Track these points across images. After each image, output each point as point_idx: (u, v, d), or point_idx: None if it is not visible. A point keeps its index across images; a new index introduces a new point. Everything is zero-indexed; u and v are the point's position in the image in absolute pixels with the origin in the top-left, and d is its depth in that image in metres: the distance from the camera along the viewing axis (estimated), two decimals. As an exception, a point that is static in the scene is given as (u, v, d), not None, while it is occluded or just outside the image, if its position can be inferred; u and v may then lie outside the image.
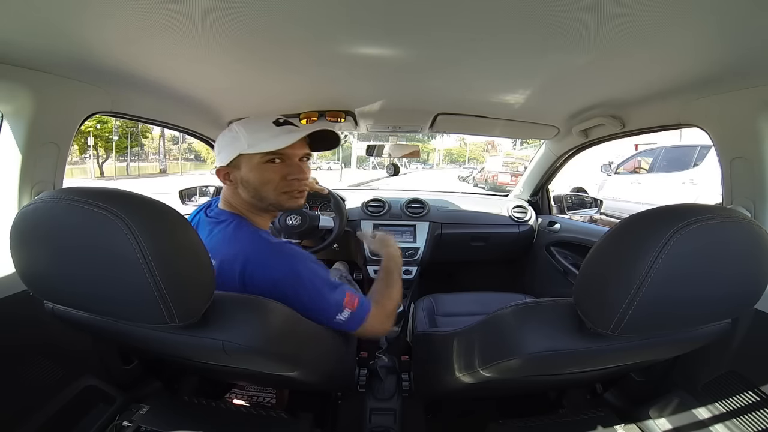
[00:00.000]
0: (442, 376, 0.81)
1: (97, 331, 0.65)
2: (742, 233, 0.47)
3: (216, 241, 0.74)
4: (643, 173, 5.45)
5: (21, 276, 0.51)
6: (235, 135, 0.76)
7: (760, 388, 0.73)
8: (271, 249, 0.73)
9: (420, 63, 0.83)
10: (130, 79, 0.89)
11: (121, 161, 19.94)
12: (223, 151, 0.78)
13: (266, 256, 0.71)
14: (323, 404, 1.17)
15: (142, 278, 0.43)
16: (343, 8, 0.58)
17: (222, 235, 0.75)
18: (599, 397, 0.99)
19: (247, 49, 0.75)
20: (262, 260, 0.70)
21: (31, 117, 0.78)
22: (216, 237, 0.75)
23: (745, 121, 0.80)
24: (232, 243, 0.73)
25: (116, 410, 0.82)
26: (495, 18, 0.59)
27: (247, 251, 0.71)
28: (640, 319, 0.47)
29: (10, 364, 0.74)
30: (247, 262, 0.69)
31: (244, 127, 0.77)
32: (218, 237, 0.75)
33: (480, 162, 29.79)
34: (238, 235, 0.74)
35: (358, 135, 12.18)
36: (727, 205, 0.88)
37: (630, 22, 0.58)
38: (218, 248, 0.71)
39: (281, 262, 0.71)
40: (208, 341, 0.54)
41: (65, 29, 0.63)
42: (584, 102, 1.15)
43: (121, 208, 0.43)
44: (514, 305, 0.61)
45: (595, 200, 1.99)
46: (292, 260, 0.72)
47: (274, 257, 0.71)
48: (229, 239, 0.74)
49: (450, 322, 1.32)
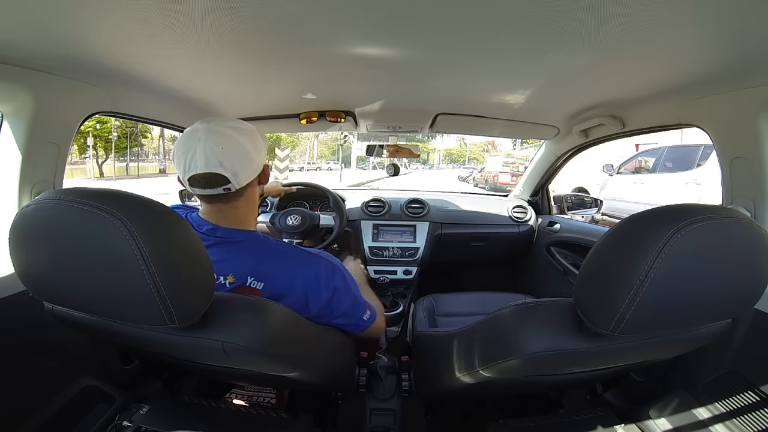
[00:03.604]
0: (442, 376, 0.81)
1: (97, 332, 0.65)
2: (742, 233, 0.47)
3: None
4: (645, 173, 5.41)
5: (20, 277, 0.51)
6: (253, 128, 0.74)
7: (760, 388, 0.73)
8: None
9: (420, 63, 0.83)
10: (130, 79, 0.89)
11: (121, 161, 19.93)
12: (262, 144, 0.75)
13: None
14: (323, 404, 1.17)
15: (142, 279, 0.43)
16: (343, 9, 0.58)
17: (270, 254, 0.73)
18: (599, 397, 0.99)
19: (247, 49, 0.75)
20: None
21: (31, 117, 0.78)
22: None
23: (745, 121, 0.80)
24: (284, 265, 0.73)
25: (116, 410, 0.82)
26: (495, 18, 0.59)
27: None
28: (640, 319, 0.47)
29: (10, 364, 0.74)
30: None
31: (243, 122, 0.75)
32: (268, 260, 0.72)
33: (480, 162, 29.80)
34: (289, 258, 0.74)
35: (358, 135, 12.17)
36: (727, 205, 0.88)
37: (630, 22, 0.58)
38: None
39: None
40: (208, 342, 0.54)
41: (65, 29, 0.63)
42: (584, 102, 1.15)
43: (120, 209, 0.43)
44: (514, 305, 0.61)
45: (595, 200, 1.99)
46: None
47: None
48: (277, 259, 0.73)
49: (450, 322, 1.32)
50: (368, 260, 1.75)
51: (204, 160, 0.65)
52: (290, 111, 1.34)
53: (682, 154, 4.88)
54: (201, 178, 0.66)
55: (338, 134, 17.03)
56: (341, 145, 22.00)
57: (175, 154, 0.68)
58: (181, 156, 0.67)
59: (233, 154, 0.67)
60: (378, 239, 1.79)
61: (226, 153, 0.66)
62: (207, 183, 0.67)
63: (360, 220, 1.80)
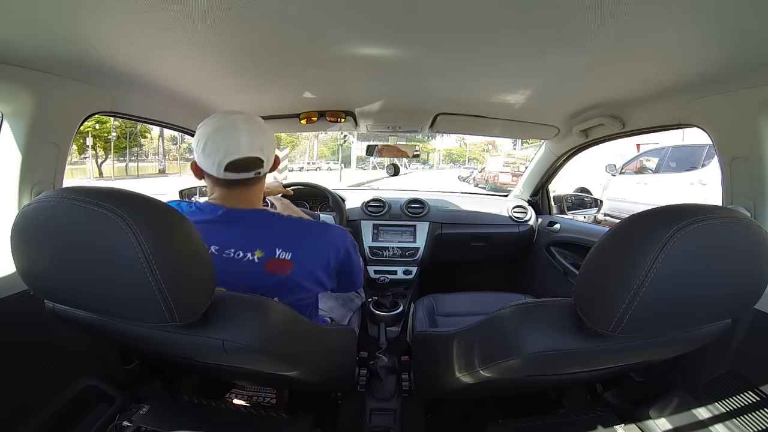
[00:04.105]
0: (442, 376, 0.81)
1: (98, 331, 0.65)
2: (742, 233, 0.47)
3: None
4: (648, 174, 5.30)
5: (21, 275, 0.51)
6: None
7: (760, 388, 0.73)
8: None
9: (420, 63, 0.83)
10: (130, 79, 0.89)
11: (121, 161, 19.92)
12: (273, 134, 0.83)
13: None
14: (323, 404, 1.17)
15: (143, 278, 0.43)
16: (344, 9, 0.58)
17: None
18: (599, 397, 0.99)
19: (247, 49, 0.75)
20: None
21: (31, 117, 0.78)
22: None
23: (745, 121, 0.80)
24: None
25: (116, 410, 0.82)
26: (495, 18, 0.59)
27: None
28: (640, 319, 0.47)
29: (11, 364, 0.74)
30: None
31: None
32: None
33: (480, 162, 29.80)
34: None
35: (358, 135, 12.15)
36: (727, 205, 0.88)
37: (630, 22, 0.58)
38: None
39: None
40: (209, 341, 0.54)
41: (65, 29, 0.63)
42: (584, 102, 1.15)
43: (122, 208, 0.43)
44: (514, 305, 0.61)
45: (595, 200, 1.99)
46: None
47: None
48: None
49: (450, 322, 1.32)
50: (368, 260, 1.75)
51: (248, 145, 0.72)
52: (290, 111, 1.34)
53: (687, 153, 4.76)
54: (241, 162, 0.72)
55: (338, 134, 17.01)
56: (341, 145, 22.01)
57: (210, 142, 0.72)
58: (220, 143, 0.71)
59: (268, 142, 0.76)
60: (378, 239, 1.79)
61: (265, 141, 0.75)
62: (245, 167, 0.74)
63: (360, 220, 1.80)
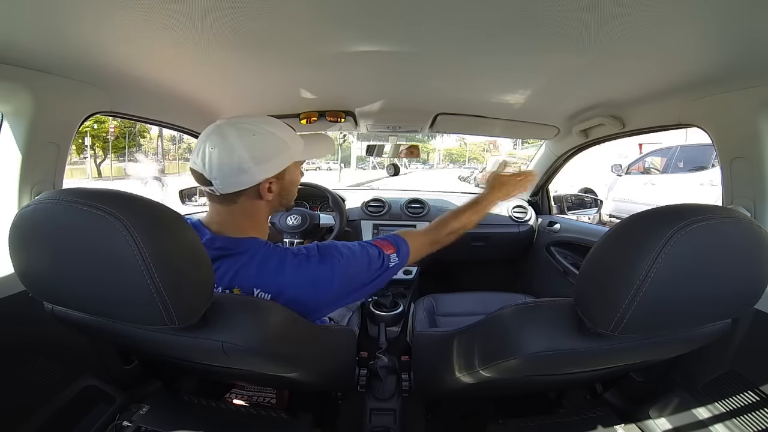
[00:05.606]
0: (442, 376, 0.81)
1: (96, 332, 0.65)
2: (742, 233, 0.47)
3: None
4: (656, 174, 5.11)
5: (20, 277, 0.51)
6: (280, 140, 0.69)
7: (760, 388, 0.73)
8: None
9: (420, 63, 0.83)
10: (130, 79, 0.89)
11: (120, 161, 19.91)
12: (272, 159, 0.68)
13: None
14: (323, 404, 1.17)
15: (141, 279, 0.43)
16: (343, 9, 0.58)
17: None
18: (599, 397, 0.99)
19: (247, 50, 0.75)
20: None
21: (31, 117, 0.78)
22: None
23: (745, 121, 0.80)
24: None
25: (116, 410, 0.82)
26: (495, 18, 0.59)
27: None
28: (640, 319, 0.47)
29: (10, 364, 0.74)
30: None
31: (282, 130, 0.70)
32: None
33: (480, 162, 29.79)
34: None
35: (358, 135, 12.13)
36: (727, 205, 0.88)
37: (630, 22, 0.58)
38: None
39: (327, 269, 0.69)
40: (208, 342, 0.54)
41: (65, 30, 0.63)
42: (584, 102, 1.15)
43: (120, 209, 0.43)
44: (514, 305, 0.61)
45: (595, 200, 1.99)
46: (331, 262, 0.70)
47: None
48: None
49: (450, 322, 1.32)
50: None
51: (199, 156, 0.65)
52: (290, 111, 1.34)
53: (696, 153, 4.55)
54: (193, 172, 0.68)
55: (337, 134, 17.00)
56: (340, 145, 21.97)
57: (195, 150, 0.69)
58: (200, 152, 0.67)
59: (221, 157, 0.64)
60: (378, 239, 1.79)
61: (214, 155, 0.64)
62: (197, 179, 0.67)
63: (360, 220, 1.80)
